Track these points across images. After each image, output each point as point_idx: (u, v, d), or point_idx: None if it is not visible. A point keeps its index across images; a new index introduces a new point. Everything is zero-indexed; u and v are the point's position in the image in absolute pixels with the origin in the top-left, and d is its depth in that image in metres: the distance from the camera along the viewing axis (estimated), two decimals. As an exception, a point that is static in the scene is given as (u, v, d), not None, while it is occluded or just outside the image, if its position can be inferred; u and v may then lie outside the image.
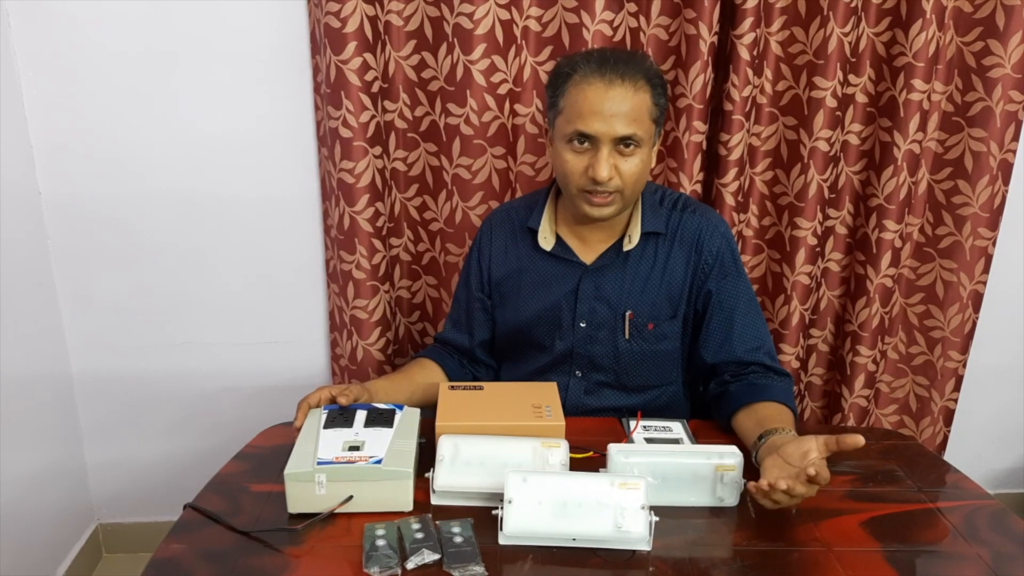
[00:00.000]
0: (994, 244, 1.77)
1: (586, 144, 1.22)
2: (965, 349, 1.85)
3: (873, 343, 1.81)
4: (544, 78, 1.60)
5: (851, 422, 1.87)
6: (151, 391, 1.89)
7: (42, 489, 1.77)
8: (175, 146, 1.71)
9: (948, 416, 1.90)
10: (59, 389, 1.84)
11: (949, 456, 1.91)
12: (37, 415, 1.75)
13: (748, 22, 1.56)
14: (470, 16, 1.57)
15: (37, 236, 1.73)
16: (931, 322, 1.85)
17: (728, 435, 1.26)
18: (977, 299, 1.81)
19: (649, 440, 1.22)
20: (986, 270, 1.79)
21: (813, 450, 1.03)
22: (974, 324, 1.83)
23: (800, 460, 1.03)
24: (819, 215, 1.73)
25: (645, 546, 0.98)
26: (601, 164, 1.20)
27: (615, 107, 1.18)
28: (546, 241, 1.35)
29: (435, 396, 1.22)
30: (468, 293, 1.44)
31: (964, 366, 1.86)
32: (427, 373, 1.40)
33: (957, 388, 1.88)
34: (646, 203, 1.34)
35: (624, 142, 1.20)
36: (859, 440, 0.99)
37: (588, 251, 1.35)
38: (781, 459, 1.05)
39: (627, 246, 1.32)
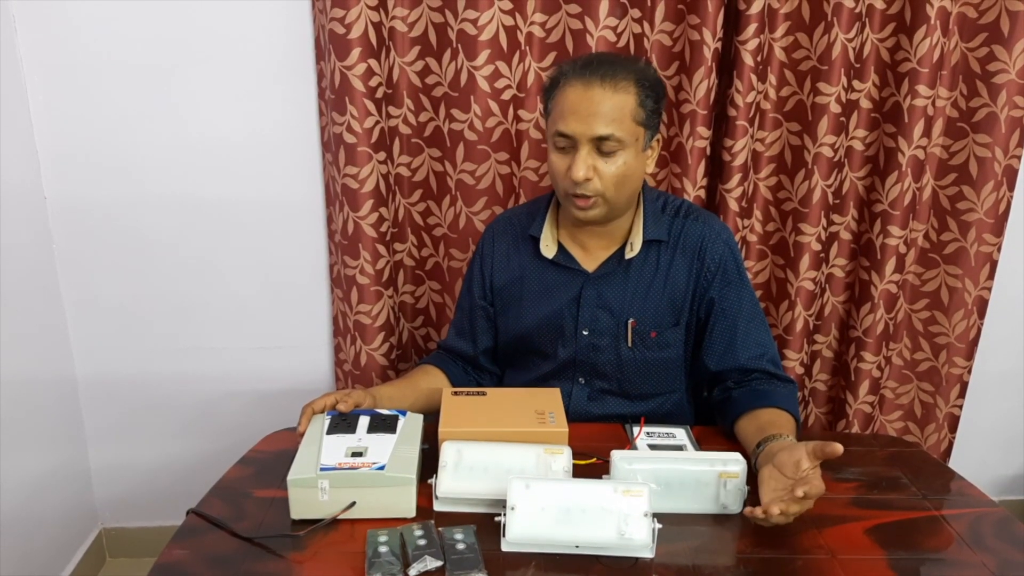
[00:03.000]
0: (999, 250, 1.76)
1: (568, 146, 1.22)
2: (970, 355, 1.84)
3: (878, 349, 1.81)
4: (548, 84, 1.61)
5: (855, 428, 1.86)
6: (155, 395, 1.89)
7: (46, 493, 1.77)
8: (180, 151, 1.72)
9: (953, 423, 1.90)
10: (63, 393, 1.84)
11: (953, 463, 1.90)
12: (41, 419, 1.75)
13: (752, 28, 1.56)
14: (474, 22, 1.57)
15: (42, 240, 1.74)
16: (936, 328, 1.85)
17: (732, 442, 1.26)
18: (982, 305, 1.80)
19: (652, 447, 1.21)
20: (991, 276, 1.78)
21: (804, 459, 1.02)
22: (979, 330, 1.82)
23: (793, 470, 1.02)
24: (823, 221, 1.72)
25: (648, 553, 0.98)
26: (578, 164, 1.20)
27: (592, 107, 1.18)
28: (548, 249, 1.35)
29: (438, 402, 1.22)
30: (471, 301, 1.44)
31: (969, 372, 1.86)
32: (431, 379, 1.40)
33: (962, 394, 1.87)
34: (648, 210, 1.33)
35: (604, 144, 1.20)
36: (837, 448, 0.99)
37: (590, 259, 1.35)
38: (776, 470, 1.04)
39: (629, 254, 1.32)
